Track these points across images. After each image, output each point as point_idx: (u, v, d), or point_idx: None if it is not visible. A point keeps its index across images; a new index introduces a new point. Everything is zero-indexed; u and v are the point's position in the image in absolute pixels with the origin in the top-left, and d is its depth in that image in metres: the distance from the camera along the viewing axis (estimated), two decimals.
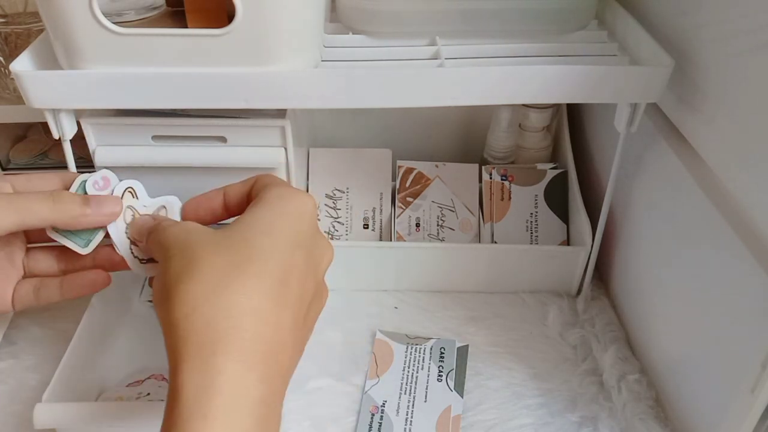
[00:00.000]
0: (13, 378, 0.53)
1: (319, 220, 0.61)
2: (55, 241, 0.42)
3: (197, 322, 0.30)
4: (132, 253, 0.42)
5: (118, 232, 0.42)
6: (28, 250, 0.44)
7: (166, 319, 0.31)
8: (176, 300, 0.31)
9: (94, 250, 0.43)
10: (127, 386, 0.50)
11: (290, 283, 0.33)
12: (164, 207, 0.43)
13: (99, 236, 0.42)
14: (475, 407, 0.52)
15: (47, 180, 0.43)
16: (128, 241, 0.42)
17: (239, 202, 0.40)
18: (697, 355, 0.46)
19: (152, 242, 0.37)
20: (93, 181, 0.43)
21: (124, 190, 0.43)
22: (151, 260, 0.42)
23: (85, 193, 0.43)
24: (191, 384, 0.29)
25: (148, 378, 0.51)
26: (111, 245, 0.43)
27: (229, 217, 0.41)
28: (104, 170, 0.43)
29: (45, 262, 0.44)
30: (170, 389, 0.30)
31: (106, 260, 0.43)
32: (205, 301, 0.31)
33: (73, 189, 0.43)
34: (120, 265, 0.43)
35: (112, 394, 0.50)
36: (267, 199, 0.36)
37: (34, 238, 0.44)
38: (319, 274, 0.37)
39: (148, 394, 0.49)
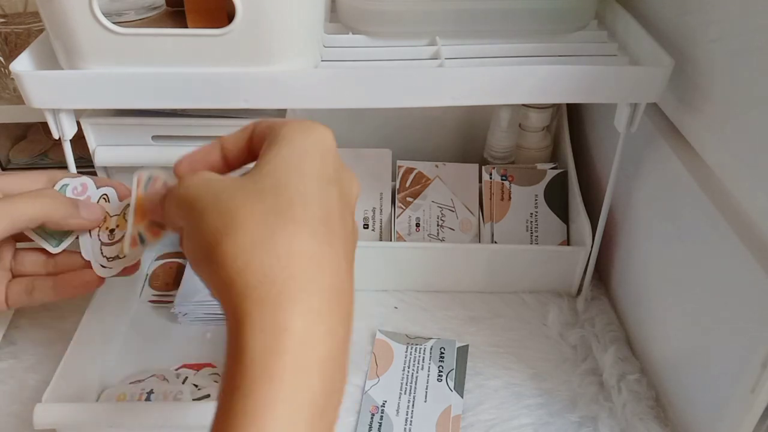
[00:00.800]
0: (13, 378, 0.53)
1: None
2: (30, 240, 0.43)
3: (253, 276, 0.28)
4: (101, 253, 0.43)
5: (91, 235, 0.43)
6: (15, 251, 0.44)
7: (216, 278, 0.29)
8: (224, 257, 0.29)
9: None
10: (129, 383, 0.50)
11: (333, 224, 0.31)
12: (128, 205, 0.43)
13: (71, 238, 0.43)
14: (475, 407, 0.52)
15: (35, 179, 0.43)
16: (99, 242, 0.43)
17: (238, 155, 0.38)
18: (697, 355, 0.46)
19: (171, 203, 0.35)
20: (72, 187, 0.43)
21: (100, 197, 0.44)
22: (116, 258, 0.42)
23: None
24: (256, 345, 0.27)
25: (150, 377, 0.51)
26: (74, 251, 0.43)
27: (228, 171, 0.38)
28: (85, 177, 0.44)
29: (30, 265, 0.44)
30: (232, 351, 0.28)
31: (68, 265, 0.43)
32: (256, 253, 0.29)
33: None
34: (78, 271, 0.43)
35: (113, 391, 0.50)
36: (284, 137, 0.33)
37: (17, 236, 0.44)
38: (352, 208, 0.34)
39: (151, 390, 0.49)
